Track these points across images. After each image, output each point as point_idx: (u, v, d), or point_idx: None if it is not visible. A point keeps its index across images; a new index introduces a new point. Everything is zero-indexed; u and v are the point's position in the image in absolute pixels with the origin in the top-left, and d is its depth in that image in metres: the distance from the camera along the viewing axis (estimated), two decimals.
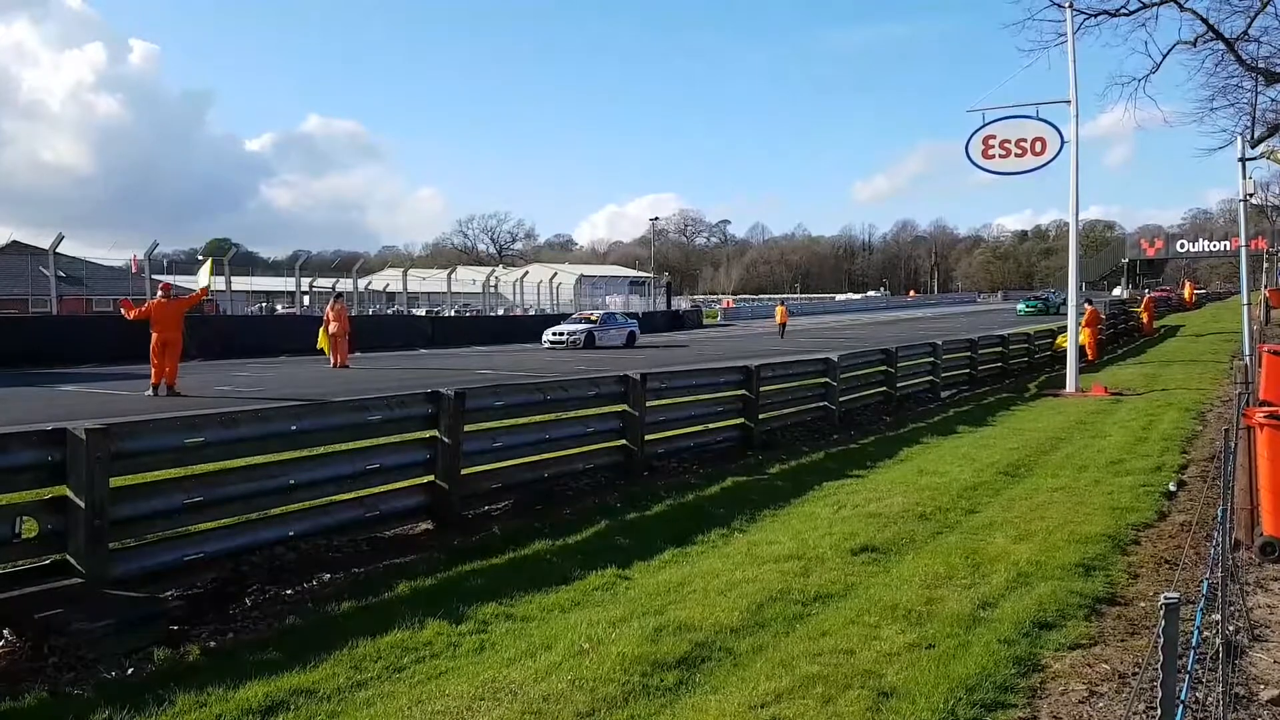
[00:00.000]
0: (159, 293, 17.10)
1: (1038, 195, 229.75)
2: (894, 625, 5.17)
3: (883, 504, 8.27)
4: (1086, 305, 24.92)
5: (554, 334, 34.64)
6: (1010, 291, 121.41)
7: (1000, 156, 19.16)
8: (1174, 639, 1.74)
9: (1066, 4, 19.88)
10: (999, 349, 22.54)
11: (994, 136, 19.12)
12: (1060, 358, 21.97)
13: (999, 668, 4.58)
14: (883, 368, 16.37)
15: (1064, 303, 50.73)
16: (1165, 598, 1.75)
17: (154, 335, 16.22)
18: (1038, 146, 18.92)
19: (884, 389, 16.23)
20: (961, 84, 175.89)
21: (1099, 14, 22.82)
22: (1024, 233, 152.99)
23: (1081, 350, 21.36)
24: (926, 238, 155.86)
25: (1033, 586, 5.89)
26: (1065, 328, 20.86)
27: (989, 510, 8.16)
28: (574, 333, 34.58)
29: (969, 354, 20.56)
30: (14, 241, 47.08)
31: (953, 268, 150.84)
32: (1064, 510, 8.04)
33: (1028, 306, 61.01)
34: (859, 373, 15.58)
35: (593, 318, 37.43)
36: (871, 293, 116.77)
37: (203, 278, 19.89)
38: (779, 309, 46.67)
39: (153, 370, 16.30)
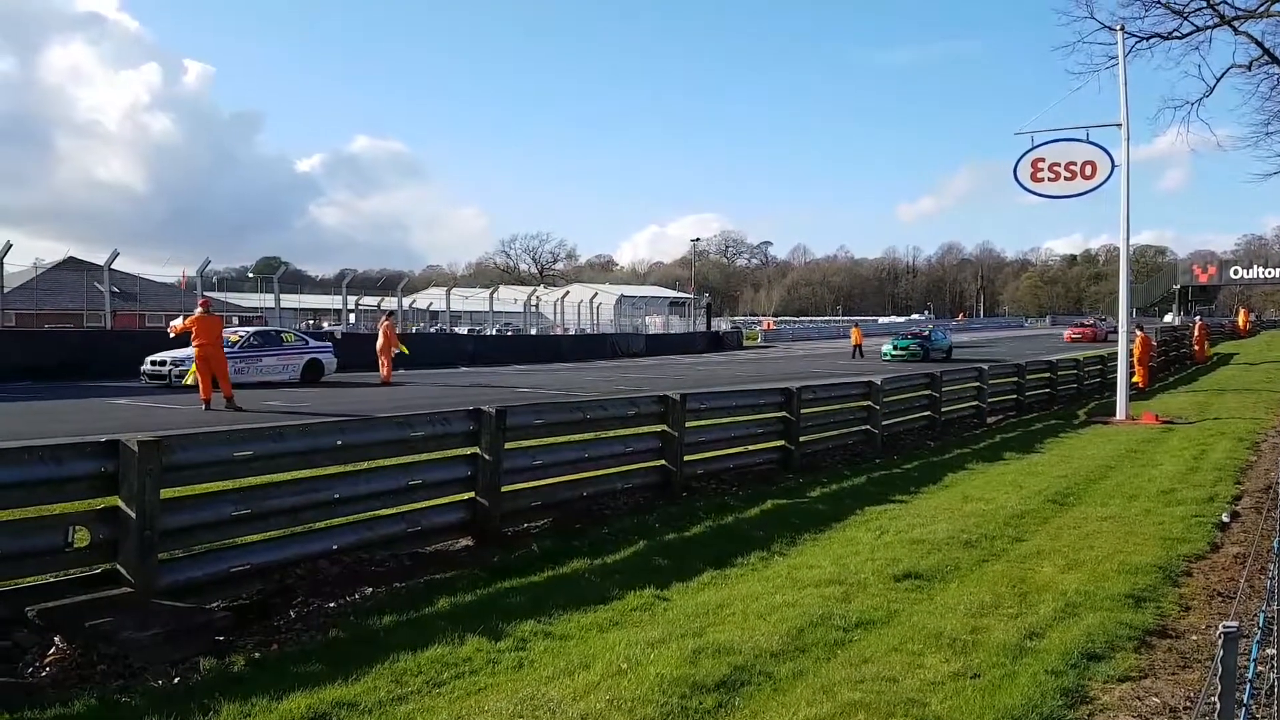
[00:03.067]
0: (198, 308, 17.44)
1: (1088, 219, 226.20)
2: (938, 654, 5.09)
3: (926, 530, 8.17)
4: (1137, 332, 24.49)
5: (154, 363, 21.34)
6: (1059, 316, 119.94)
7: (1049, 180, 18.96)
8: (1233, 669, 1.70)
9: (1118, 27, 19.76)
10: (1047, 374, 22.22)
11: (1043, 159, 18.93)
12: (1110, 384, 21.60)
13: (1046, 699, 4.49)
14: (927, 392, 16.22)
15: (951, 348, 41.61)
16: (1224, 627, 1.71)
17: (195, 349, 16.54)
18: (1088, 170, 18.70)
19: (928, 413, 16.09)
20: (1009, 105, 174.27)
21: (1150, 37, 22.58)
22: (1073, 257, 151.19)
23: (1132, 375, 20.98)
24: (972, 260, 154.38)
25: (1081, 617, 5.78)
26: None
27: (1036, 539, 8.03)
28: (180, 362, 20.39)
29: (1016, 379, 20.29)
30: (70, 257, 48.25)
31: (999, 291, 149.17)
32: (1114, 540, 7.89)
33: (896, 348, 40.46)
34: (902, 396, 15.46)
35: (234, 337, 22.42)
36: (915, 315, 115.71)
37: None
38: (854, 330, 47.98)
39: (201, 387, 16.58)
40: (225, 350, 20.90)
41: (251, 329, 24.93)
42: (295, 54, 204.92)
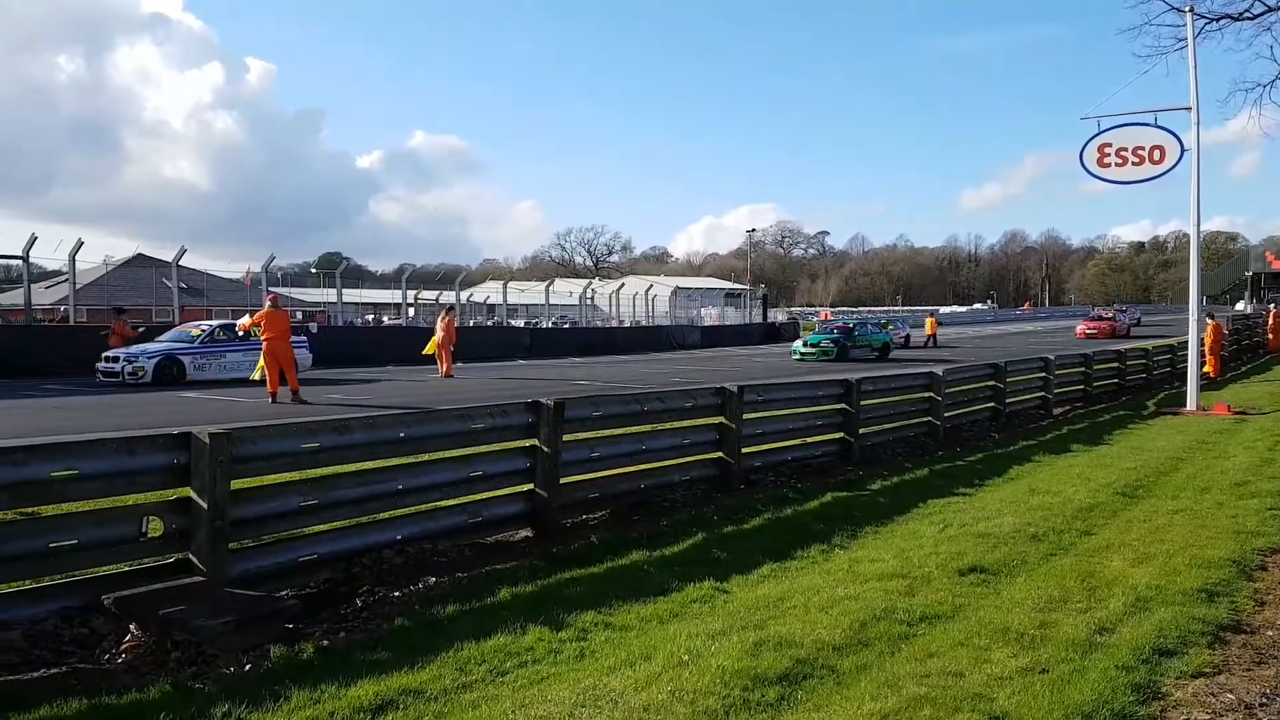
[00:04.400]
0: (266, 303, 17.84)
1: (1156, 205, 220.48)
2: (1005, 648, 5.01)
3: (992, 523, 8.05)
4: (1208, 320, 23.82)
5: (107, 359, 20.97)
6: (1124, 305, 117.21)
7: (1117, 165, 18.49)
8: None
9: (1186, 8, 19.10)
10: (1115, 364, 21.74)
11: (1110, 144, 18.47)
12: (1180, 374, 21.06)
13: (1117, 695, 4.40)
14: (990, 383, 15.95)
15: (886, 345, 34.78)
16: None
17: (263, 342, 16.95)
18: (1156, 155, 18.20)
19: (992, 404, 15.81)
20: (1075, 91, 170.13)
21: (1220, 18, 21.73)
22: (1141, 244, 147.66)
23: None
24: (1037, 249, 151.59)
25: (1152, 611, 5.65)
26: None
27: (1105, 532, 7.86)
28: (134, 358, 20.66)
29: (1083, 369, 19.88)
30: (139, 254, 49.53)
31: (1065, 280, 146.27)
32: (1185, 533, 7.70)
33: (807, 345, 34.14)
34: (965, 387, 15.22)
35: (195, 331, 22.24)
36: (978, 305, 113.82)
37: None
38: (929, 320, 47.79)
39: (269, 380, 16.94)
40: (185, 345, 21.55)
41: (216, 322, 23.28)
42: (354, 51, 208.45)
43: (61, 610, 5.16)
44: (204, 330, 22.12)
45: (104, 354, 21.22)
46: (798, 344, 35.34)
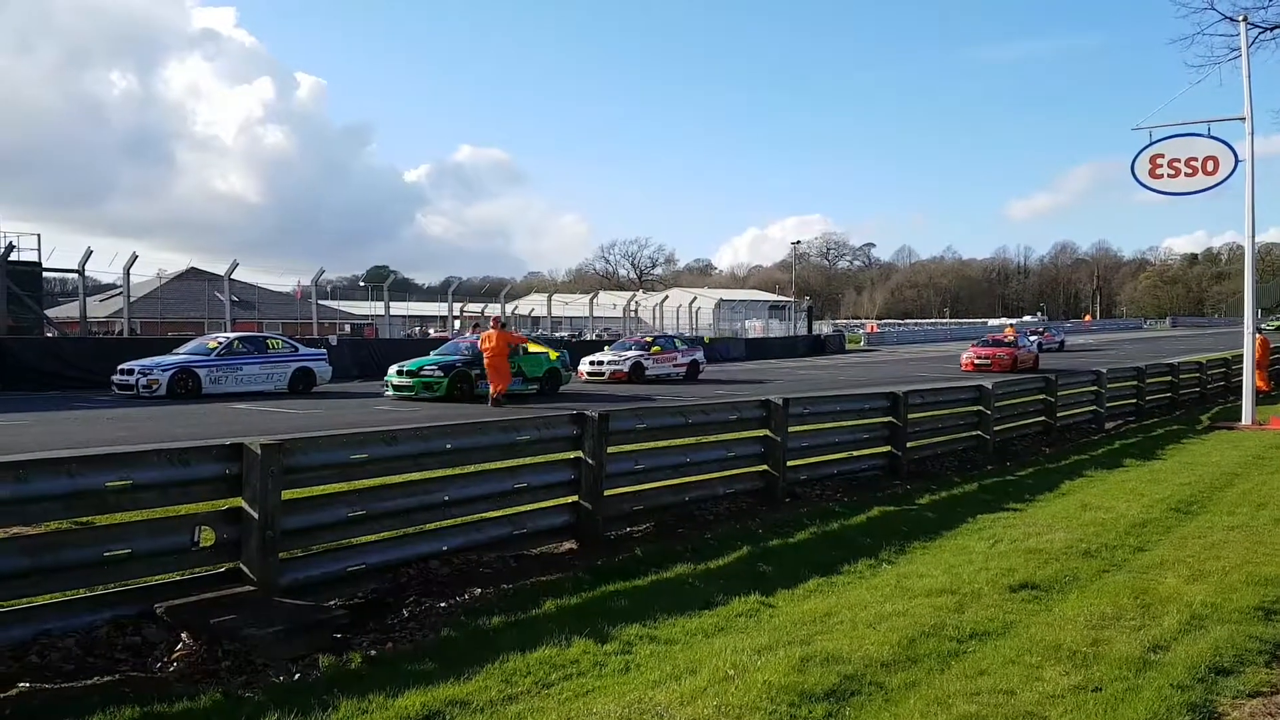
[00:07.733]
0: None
1: (1211, 216, 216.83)
2: (1057, 666, 4.93)
3: (1043, 539, 7.92)
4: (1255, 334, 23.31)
5: (122, 372, 20.99)
6: (1179, 318, 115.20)
7: (1169, 176, 18.19)
8: None
9: (1240, 18, 18.75)
10: (1168, 378, 21.34)
11: (1162, 155, 18.17)
12: (1235, 389, 20.65)
13: (1172, 714, 4.31)
14: (1041, 396, 15.74)
15: (556, 372, 22.21)
16: None
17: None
18: (1209, 166, 17.88)
19: (1043, 418, 15.60)
20: (1125, 100, 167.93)
21: (1274, 27, 21.24)
22: (1194, 256, 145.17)
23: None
24: (1088, 260, 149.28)
25: (1208, 630, 5.52)
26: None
27: (1159, 549, 7.70)
28: (151, 370, 20.55)
29: (1135, 383, 19.54)
30: (192, 268, 50.50)
31: (1116, 292, 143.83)
32: (1241, 550, 7.52)
33: (403, 375, 21.34)
34: (1015, 401, 15.02)
35: (212, 344, 22.03)
36: (1028, 318, 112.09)
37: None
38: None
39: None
40: (201, 358, 21.47)
41: (234, 334, 23.41)
42: (402, 66, 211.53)
43: (115, 618, 5.24)
44: (220, 343, 21.99)
45: (120, 366, 21.09)
46: (392, 372, 22.03)
